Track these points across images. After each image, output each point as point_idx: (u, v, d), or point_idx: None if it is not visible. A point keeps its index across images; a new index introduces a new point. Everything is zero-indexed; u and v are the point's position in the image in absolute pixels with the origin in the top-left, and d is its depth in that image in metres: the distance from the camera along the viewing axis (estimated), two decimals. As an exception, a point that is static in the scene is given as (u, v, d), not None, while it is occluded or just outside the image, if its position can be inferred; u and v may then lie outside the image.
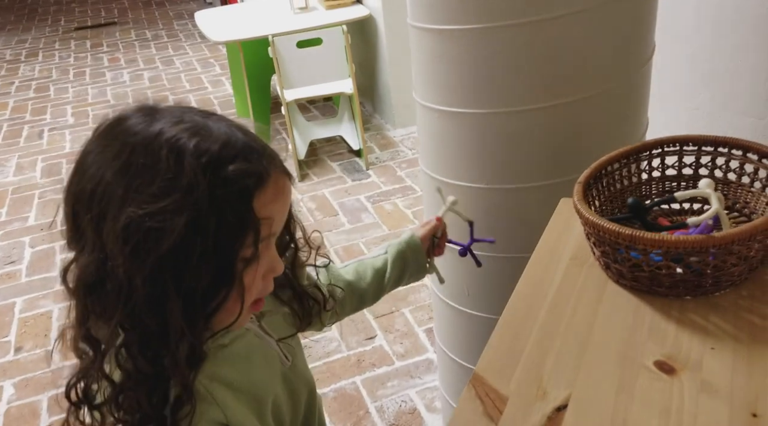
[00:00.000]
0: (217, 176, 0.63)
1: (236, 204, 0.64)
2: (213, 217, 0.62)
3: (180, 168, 0.62)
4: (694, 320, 0.90)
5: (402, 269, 1.08)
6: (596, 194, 1.07)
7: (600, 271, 1.02)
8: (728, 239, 0.86)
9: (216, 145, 0.64)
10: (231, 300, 0.67)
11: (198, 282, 0.63)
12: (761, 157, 1.05)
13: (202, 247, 0.62)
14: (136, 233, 0.61)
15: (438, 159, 1.45)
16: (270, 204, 0.67)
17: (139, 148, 0.63)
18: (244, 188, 0.64)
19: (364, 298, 1.07)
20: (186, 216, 0.61)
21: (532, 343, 0.91)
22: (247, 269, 0.67)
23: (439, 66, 1.32)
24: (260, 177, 0.66)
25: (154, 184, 0.62)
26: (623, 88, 1.32)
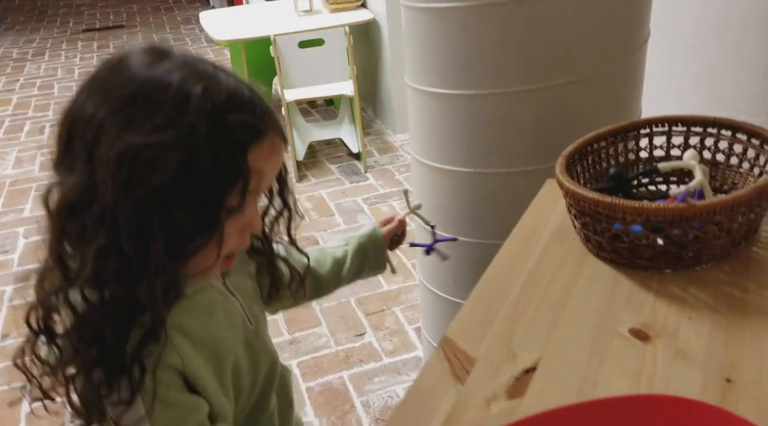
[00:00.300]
0: (219, 122, 0.64)
1: (232, 152, 0.65)
2: (208, 160, 0.63)
3: (185, 107, 0.63)
4: (673, 292, 0.88)
5: (362, 263, 1.08)
6: (581, 171, 1.06)
7: (581, 245, 1.00)
8: (710, 208, 0.84)
9: (223, 94, 0.65)
10: (210, 246, 0.67)
11: (184, 221, 0.64)
12: (750, 137, 1.03)
13: (193, 187, 0.63)
14: (131, 162, 0.62)
15: (427, 143, 1.44)
16: (263, 160, 0.68)
17: (148, 82, 0.64)
18: (241, 139, 0.66)
19: (321, 286, 1.06)
20: (182, 154, 0.62)
21: (506, 310, 0.89)
22: (230, 219, 0.68)
23: (430, 46, 1.31)
24: (259, 132, 0.67)
25: (156, 118, 0.63)
26: (616, 72, 1.30)
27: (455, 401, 0.75)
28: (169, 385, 0.70)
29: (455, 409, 0.74)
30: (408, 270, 2.69)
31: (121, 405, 0.66)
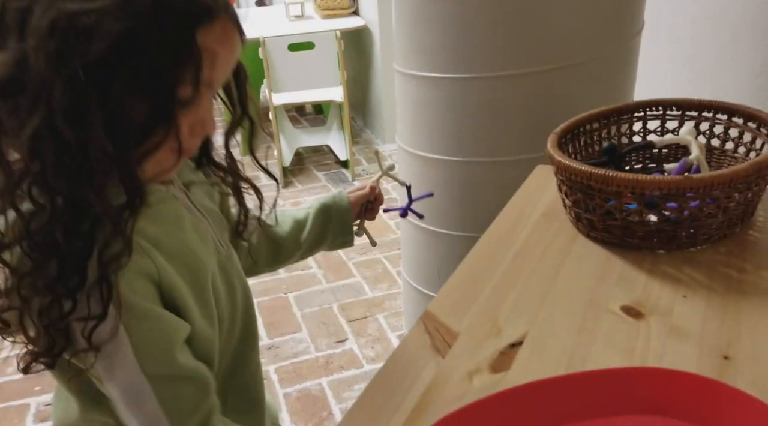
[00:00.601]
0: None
1: (179, 26, 0.59)
2: (152, 34, 0.57)
3: None
4: (666, 271, 0.84)
5: (324, 225, 1.00)
6: (573, 151, 1.02)
7: (571, 226, 0.96)
8: (707, 182, 0.80)
9: None
10: (166, 143, 0.61)
11: (129, 106, 0.58)
12: (746, 120, 0.99)
13: (137, 65, 0.57)
14: (65, 30, 0.56)
15: (415, 132, 1.40)
16: (215, 42, 0.61)
17: None
18: (189, 13, 0.59)
19: (280, 248, 0.99)
20: (122, 23, 0.56)
21: (491, 287, 0.84)
22: (184, 112, 0.62)
23: (421, 29, 1.28)
24: (208, 10, 0.61)
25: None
26: (608, 60, 1.27)
27: (435, 374, 0.70)
28: (144, 295, 0.64)
29: (435, 382, 0.69)
30: (393, 278, 2.64)
31: (91, 320, 0.60)
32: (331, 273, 2.70)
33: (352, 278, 2.67)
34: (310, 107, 4.43)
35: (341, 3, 3.80)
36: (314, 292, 2.59)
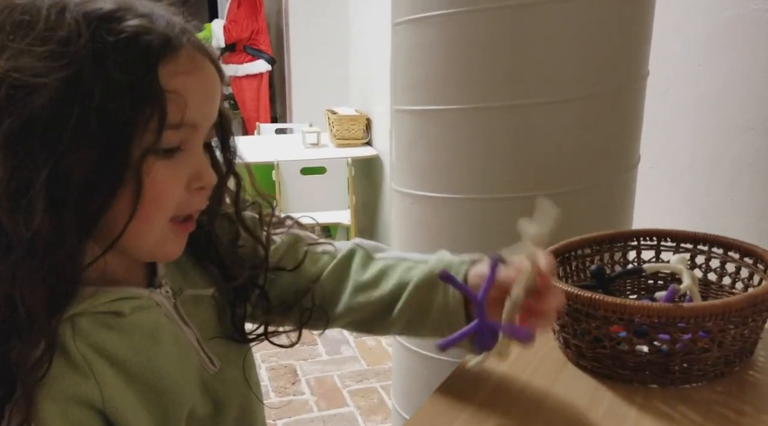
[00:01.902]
0: (107, 28, 0.53)
1: (132, 63, 0.53)
2: (99, 77, 0.52)
3: (60, 20, 0.53)
4: (659, 408, 0.78)
5: (422, 310, 0.75)
6: (563, 275, 0.98)
7: (559, 354, 0.91)
8: (698, 312, 0.76)
9: (109, 5, 0.55)
10: (122, 201, 0.54)
11: (79, 157, 0.52)
12: (743, 256, 0.96)
13: (82, 112, 0.52)
14: (1, 89, 0.52)
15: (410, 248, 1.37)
16: (182, 75, 0.55)
17: (19, 7, 0.55)
18: (143, 46, 0.54)
19: (373, 317, 0.78)
20: (63, 70, 0.52)
21: (469, 413, 0.78)
22: (154, 164, 0.55)
23: (417, 148, 1.29)
24: (167, 41, 0.55)
25: (28, 38, 0.53)
26: (604, 189, 1.27)
27: None
28: None
29: None
30: (388, 410, 2.53)
31: None
32: (323, 400, 2.60)
33: (345, 408, 2.56)
34: (319, 230, 4.45)
35: (356, 133, 3.92)
36: (304, 420, 2.48)
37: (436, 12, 1.21)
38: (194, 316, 0.69)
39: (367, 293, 0.78)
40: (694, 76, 1.70)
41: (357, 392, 2.67)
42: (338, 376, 2.82)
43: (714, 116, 1.65)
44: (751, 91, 1.57)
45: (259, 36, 5.13)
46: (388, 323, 0.78)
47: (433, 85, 1.24)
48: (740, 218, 1.60)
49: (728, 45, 1.60)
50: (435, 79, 1.24)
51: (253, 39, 5.10)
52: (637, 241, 1.04)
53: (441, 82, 1.23)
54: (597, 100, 1.24)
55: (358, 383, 2.74)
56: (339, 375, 2.83)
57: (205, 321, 0.70)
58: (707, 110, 1.67)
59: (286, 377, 2.75)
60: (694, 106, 1.71)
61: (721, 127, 1.64)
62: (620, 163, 1.30)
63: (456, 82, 1.21)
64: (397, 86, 1.33)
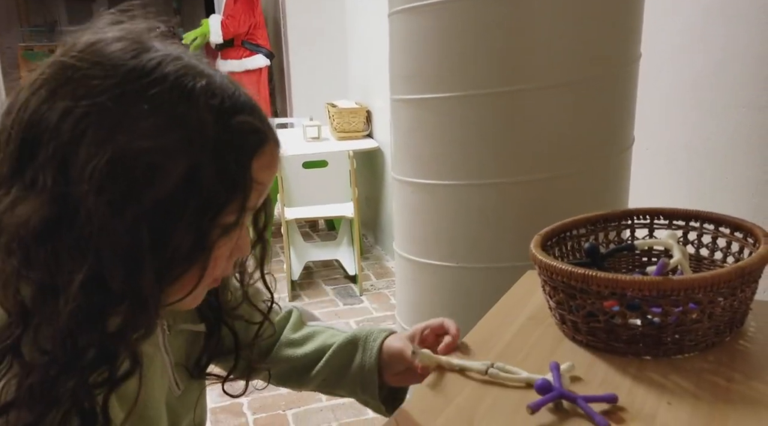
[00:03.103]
0: (227, 122, 0.55)
1: (239, 159, 0.56)
2: (213, 168, 0.54)
3: (189, 103, 0.54)
4: (652, 378, 0.81)
5: (339, 369, 0.88)
6: (559, 255, 1.01)
7: (557, 330, 0.94)
8: (688, 284, 0.79)
9: (224, 91, 0.57)
10: (193, 272, 0.57)
11: (176, 241, 0.54)
12: (733, 230, 0.99)
13: (195, 203, 0.53)
14: (126, 171, 0.51)
15: (410, 238, 1.41)
16: (266, 169, 0.60)
17: (134, 74, 0.53)
18: (247, 143, 0.57)
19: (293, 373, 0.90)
20: (189, 159, 0.53)
21: (470, 387, 0.81)
22: (223, 239, 0.58)
23: (415, 137, 1.32)
24: (264, 136, 0.59)
25: (158, 116, 0.52)
26: (599, 171, 1.29)
27: (401, 473, 0.67)
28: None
29: (400, 482, 0.65)
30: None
31: None
32: (332, 389, 2.63)
33: (353, 396, 2.60)
34: (323, 223, 4.49)
35: (356, 126, 3.95)
36: (313, 409, 2.52)
37: (430, 0, 1.24)
38: (172, 344, 0.74)
39: (293, 350, 0.89)
40: (688, 56, 1.72)
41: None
42: (346, 365, 2.86)
43: (708, 95, 1.68)
44: (744, 70, 1.59)
45: (257, 31, 5.14)
46: (305, 380, 0.89)
47: (429, 73, 1.26)
48: (735, 195, 1.63)
49: (722, 24, 1.63)
50: (430, 67, 1.27)
51: (250, 34, 5.11)
52: (631, 220, 1.07)
53: (436, 70, 1.25)
54: (590, 84, 1.26)
55: (365, 372, 2.78)
56: (346, 364, 2.86)
57: (178, 349, 0.76)
58: (701, 90, 1.70)
59: (294, 368, 2.78)
60: (688, 86, 1.73)
61: (715, 106, 1.66)
62: (614, 144, 1.32)
63: (451, 70, 1.24)
64: (394, 76, 1.35)
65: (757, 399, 0.75)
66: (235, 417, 2.44)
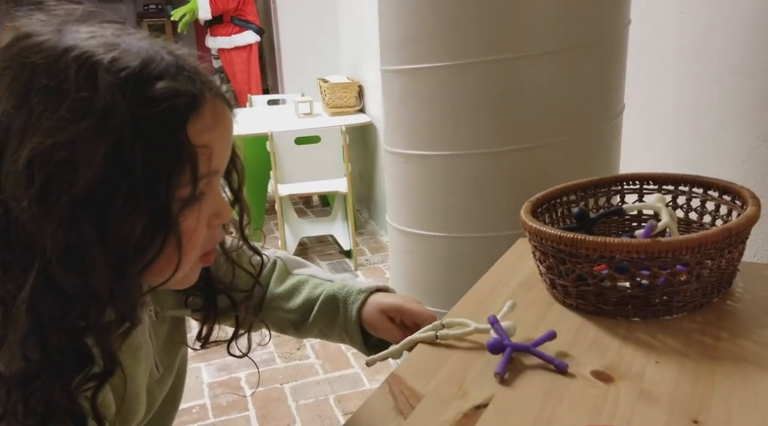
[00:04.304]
0: (141, 95, 0.53)
1: (166, 129, 0.54)
2: (139, 146, 0.52)
3: (93, 86, 0.52)
4: (640, 338, 0.82)
5: (330, 320, 0.90)
6: (549, 221, 1.02)
7: (547, 295, 0.95)
8: (675, 245, 0.80)
9: (136, 61, 0.54)
10: (167, 250, 0.56)
11: (127, 228, 0.53)
12: (722, 193, 1.00)
13: (129, 184, 0.52)
14: (44, 169, 0.51)
15: (403, 209, 1.41)
16: (208, 131, 0.57)
17: (42, 67, 0.53)
18: (174, 110, 0.54)
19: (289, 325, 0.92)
20: (105, 145, 0.51)
21: (461, 350, 0.83)
22: (186, 211, 0.57)
23: (407, 108, 1.32)
24: (194, 98, 0.56)
25: (61, 108, 0.51)
26: (590, 138, 1.30)
27: (395, 434, 0.68)
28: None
29: (394, 442, 0.67)
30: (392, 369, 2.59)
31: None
32: (328, 363, 2.66)
33: (349, 369, 2.62)
34: (317, 199, 4.49)
35: (348, 101, 3.93)
36: (311, 382, 2.54)
37: (418, -29, 1.24)
38: (157, 330, 0.74)
39: (281, 303, 0.90)
40: (678, 23, 1.72)
41: (360, 354, 2.73)
42: (342, 339, 2.88)
43: (697, 62, 1.68)
44: (733, 37, 1.59)
45: (246, 6, 5.10)
46: (302, 332, 0.92)
47: (419, 43, 1.26)
48: (725, 162, 1.64)
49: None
50: (421, 36, 1.27)
51: (240, 9, 5.07)
52: (621, 186, 1.08)
53: (427, 39, 1.25)
54: (581, 51, 1.26)
55: (361, 345, 2.80)
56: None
57: (162, 334, 0.76)
58: (691, 57, 1.70)
59: (290, 343, 2.80)
60: (678, 54, 1.73)
61: (704, 73, 1.66)
62: (605, 112, 1.33)
63: (441, 39, 1.24)
64: (385, 46, 1.35)
65: (743, 356, 0.77)
66: (233, 391, 2.46)
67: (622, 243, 0.80)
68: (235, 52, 5.21)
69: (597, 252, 0.82)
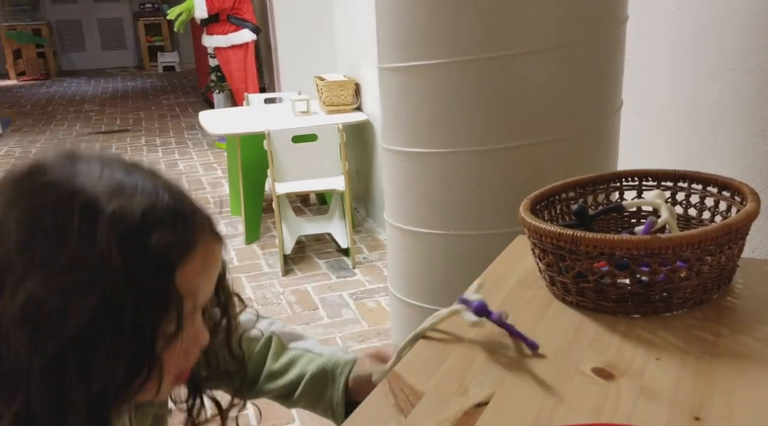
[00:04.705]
0: (136, 249, 0.55)
1: (156, 279, 0.56)
2: (129, 295, 0.54)
3: (92, 238, 0.54)
4: (640, 335, 0.82)
5: (315, 397, 0.93)
6: (548, 218, 1.02)
7: (546, 292, 0.95)
8: (675, 242, 0.80)
9: (137, 210, 0.56)
10: (150, 381, 0.59)
11: (111, 370, 0.55)
12: (721, 189, 1.00)
13: (116, 329, 0.54)
14: (37, 313, 0.53)
15: (401, 207, 1.41)
16: (196, 276, 0.59)
17: (49, 210, 0.55)
18: (166, 261, 0.57)
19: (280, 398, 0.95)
20: (97, 294, 0.54)
21: (461, 348, 0.82)
22: (169, 346, 0.59)
23: (405, 106, 1.32)
24: (186, 247, 0.58)
25: (61, 258, 0.54)
26: (588, 135, 1.30)
27: (395, 433, 0.68)
28: None
29: (394, 440, 0.66)
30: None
31: None
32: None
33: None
34: (314, 197, 4.49)
35: (345, 99, 3.93)
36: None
37: (415, -32, 1.23)
38: (139, 422, 0.75)
39: (276, 380, 0.93)
40: (675, 19, 1.72)
41: (359, 351, 2.73)
42: (340, 337, 2.88)
43: (695, 59, 1.68)
44: (730, 33, 1.59)
45: (242, 5, 5.08)
46: (289, 404, 0.95)
47: (417, 41, 1.26)
48: (723, 158, 1.64)
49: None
50: (418, 35, 1.26)
51: (236, 8, 5.06)
52: (620, 183, 1.07)
53: (424, 37, 1.25)
54: (578, 47, 1.26)
55: (360, 343, 2.80)
56: (341, 336, 2.88)
57: (144, 424, 0.77)
58: (688, 53, 1.69)
59: (289, 341, 2.80)
60: (675, 50, 1.73)
61: (702, 69, 1.66)
62: (603, 108, 1.32)
63: (438, 37, 1.23)
64: (382, 44, 1.35)
65: (744, 352, 0.76)
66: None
67: (622, 239, 0.80)
68: (231, 50, 5.19)
69: (597, 249, 0.82)
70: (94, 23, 11.97)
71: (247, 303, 0.82)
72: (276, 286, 3.36)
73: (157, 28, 11.67)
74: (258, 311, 0.96)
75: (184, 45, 11.11)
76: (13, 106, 9.09)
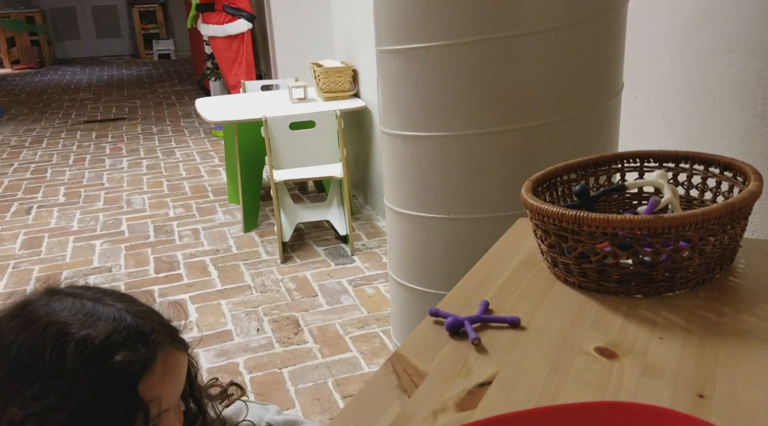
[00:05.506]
0: (99, 370, 0.64)
1: (120, 394, 0.64)
2: (98, 409, 0.63)
3: (61, 366, 0.63)
4: (643, 315, 0.82)
5: None
6: (550, 200, 1.02)
7: (548, 273, 0.94)
8: (678, 221, 0.80)
9: (101, 335, 0.65)
10: None
11: None
12: (723, 170, 1.00)
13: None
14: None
15: (400, 191, 1.40)
16: (158, 385, 0.67)
17: (26, 346, 0.65)
18: (128, 377, 0.65)
19: None
20: (68, 411, 0.62)
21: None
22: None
23: (404, 89, 1.31)
24: (146, 362, 0.66)
25: (35, 384, 0.63)
26: (588, 117, 1.29)
27: (399, 412, 0.67)
28: None
29: (398, 420, 0.66)
30: (390, 352, 2.59)
31: None
32: (326, 347, 2.66)
33: (348, 353, 2.62)
34: (312, 185, 4.48)
35: (342, 86, 3.91)
36: (309, 367, 2.54)
37: (414, -50, 1.22)
38: None
39: None
40: (676, 1, 1.71)
41: (359, 338, 2.73)
42: (340, 324, 2.88)
43: (697, 39, 1.67)
44: (731, 14, 1.58)
45: (238, -7, 5.06)
46: None
47: (414, 23, 1.25)
48: (724, 140, 1.63)
49: (707, -31, 1.61)
50: (416, 16, 1.25)
51: (231, -3, 5.03)
52: (621, 164, 1.07)
53: (422, 19, 1.24)
54: (578, 29, 1.25)
55: (359, 329, 2.80)
56: (340, 323, 2.88)
57: None
58: (689, 35, 1.69)
59: (288, 328, 2.80)
60: (676, 32, 1.72)
61: (703, 51, 1.65)
62: (604, 90, 1.32)
63: (436, 19, 1.22)
64: (380, 26, 1.33)
65: (746, 331, 0.76)
66: (232, 376, 2.46)
67: (625, 219, 0.80)
68: (227, 41, 5.17)
69: (600, 229, 0.81)
70: (88, 11, 11.89)
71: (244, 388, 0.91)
72: (275, 274, 3.36)
73: (151, 15, 11.60)
74: (253, 398, 0.98)
75: (180, 33, 11.05)
76: (7, 95, 9.05)
